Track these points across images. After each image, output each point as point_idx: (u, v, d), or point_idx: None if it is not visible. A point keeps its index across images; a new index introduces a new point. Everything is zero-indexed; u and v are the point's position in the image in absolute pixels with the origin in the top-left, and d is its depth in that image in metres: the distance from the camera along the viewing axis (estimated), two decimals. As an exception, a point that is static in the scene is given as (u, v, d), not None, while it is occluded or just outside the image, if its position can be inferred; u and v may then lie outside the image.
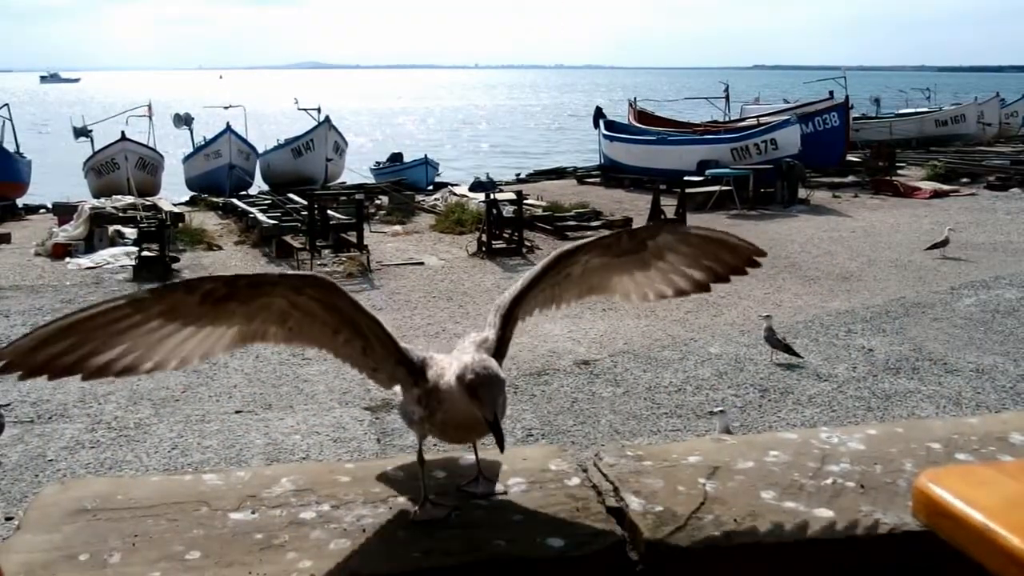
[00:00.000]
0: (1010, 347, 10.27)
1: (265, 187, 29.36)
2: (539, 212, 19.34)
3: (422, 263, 15.52)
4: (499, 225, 16.48)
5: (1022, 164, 27.73)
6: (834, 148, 26.26)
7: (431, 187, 28.17)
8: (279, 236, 16.57)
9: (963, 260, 14.93)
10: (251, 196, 25.51)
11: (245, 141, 29.85)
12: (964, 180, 25.55)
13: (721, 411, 7.61)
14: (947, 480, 1.08)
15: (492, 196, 17.26)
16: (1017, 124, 42.17)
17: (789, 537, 2.05)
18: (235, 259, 16.15)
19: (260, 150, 30.76)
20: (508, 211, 16.88)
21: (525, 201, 17.61)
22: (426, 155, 30.95)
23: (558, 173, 33.95)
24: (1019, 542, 0.92)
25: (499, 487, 2.27)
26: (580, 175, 30.37)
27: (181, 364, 2.06)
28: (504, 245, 16.22)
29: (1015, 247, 16.07)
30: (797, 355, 9.62)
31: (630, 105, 33.69)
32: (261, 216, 18.28)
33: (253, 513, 2.18)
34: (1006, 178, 24.99)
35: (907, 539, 2.03)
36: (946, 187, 23.91)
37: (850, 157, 27.84)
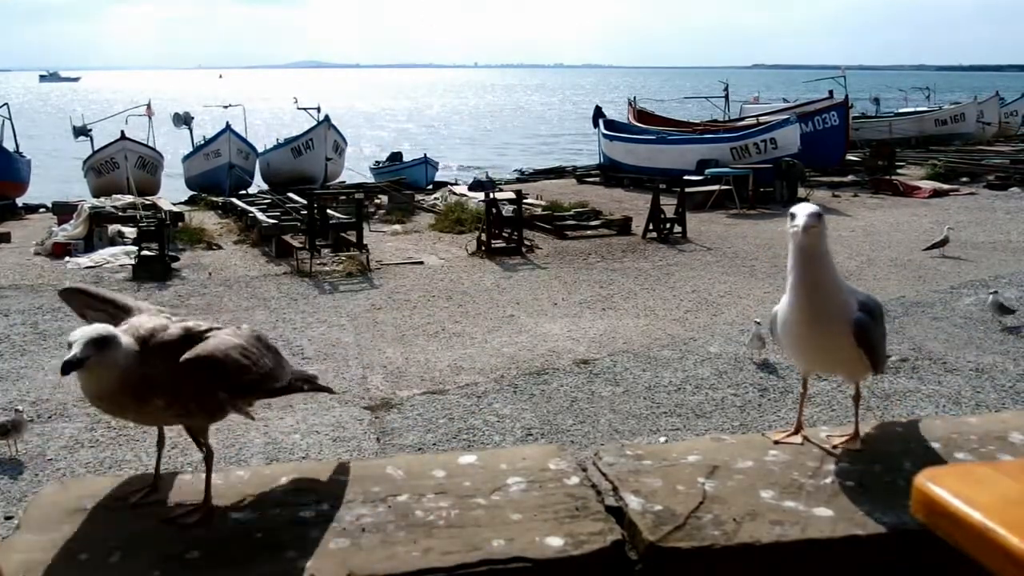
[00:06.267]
0: (1009, 346, 10.27)
1: (265, 186, 29.38)
2: (539, 211, 19.34)
3: (421, 262, 15.52)
4: (499, 224, 16.48)
5: (1022, 163, 27.73)
6: (834, 147, 26.27)
7: (430, 186, 28.23)
8: (279, 235, 16.56)
9: (963, 259, 14.93)
10: (251, 195, 25.49)
11: (244, 140, 29.86)
12: (964, 179, 25.55)
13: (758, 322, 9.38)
14: (946, 479, 1.08)
15: (491, 195, 17.26)
16: (1016, 123, 42.20)
17: (788, 537, 2.06)
18: (235, 258, 16.14)
19: (260, 149, 30.77)
20: (508, 210, 16.88)
21: (525, 200, 17.61)
22: (425, 154, 31.00)
23: (557, 172, 34.03)
24: (1018, 541, 0.92)
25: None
26: (579, 174, 30.41)
27: None
28: (504, 244, 16.21)
29: (1014, 246, 16.07)
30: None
31: (630, 104, 33.72)
32: (261, 215, 18.27)
33: (253, 512, 2.18)
34: (1006, 177, 24.99)
35: (907, 538, 2.04)
36: (946, 186, 23.91)
37: (850, 156, 27.86)
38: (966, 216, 19.30)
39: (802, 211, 2.50)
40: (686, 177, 20.20)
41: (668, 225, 17.13)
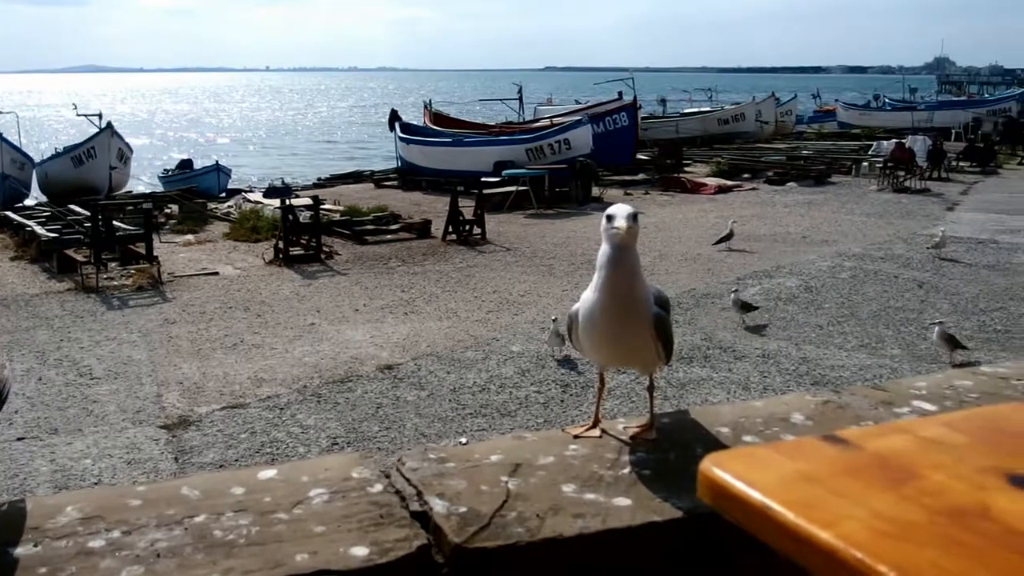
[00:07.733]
0: (792, 332, 10.90)
1: (44, 198, 27.78)
2: (337, 217, 19.13)
3: (217, 273, 15.05)
4: (296, 231, 16.19)
5: (797, 160, 29.56)
6: (625, 147, 27.18)
7: (224, 194, 27.44)
8: (60, 250, 15.69)
9: (747, 251, 15.75)
10: (28, 208, 24.03)
11: (18, 150, 28.16)
12: (745, 176, 27.00)
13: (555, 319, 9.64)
14: (728, 463, 1.13)
15: (287, 202, 16.94)
16: (791, 122, 44.88)
17: (591, 528, 2.10)
18: (11, 276, 15.19)
19: (36, 159, 29.09)
20: (305, 217, 16.61)
21: (322, 206, 17.37)
22: (217, 161, 30.15)
23: (355, 177, 33.71)
24: (793, 517, 0.97)
25: None
26: (377, 178, 30.23)
27: None
28: (302, 252, 15.95)
29: (793, 238, 17.07)
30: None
31: (425, 107, 33.80)
32: (40, 229, 17.26)
33: (36, 546, 2.05)
34: (783, 173, 26.60)
35: (702, 521, 2.11)
36: (729, 183, 25.20)
37: (640, 156, 28.90)
38: (749, 211, 20.37)
39: (620, 212, 2.55)
40: (483, 179, 20.43)
41: (467, 227, 17.28)
